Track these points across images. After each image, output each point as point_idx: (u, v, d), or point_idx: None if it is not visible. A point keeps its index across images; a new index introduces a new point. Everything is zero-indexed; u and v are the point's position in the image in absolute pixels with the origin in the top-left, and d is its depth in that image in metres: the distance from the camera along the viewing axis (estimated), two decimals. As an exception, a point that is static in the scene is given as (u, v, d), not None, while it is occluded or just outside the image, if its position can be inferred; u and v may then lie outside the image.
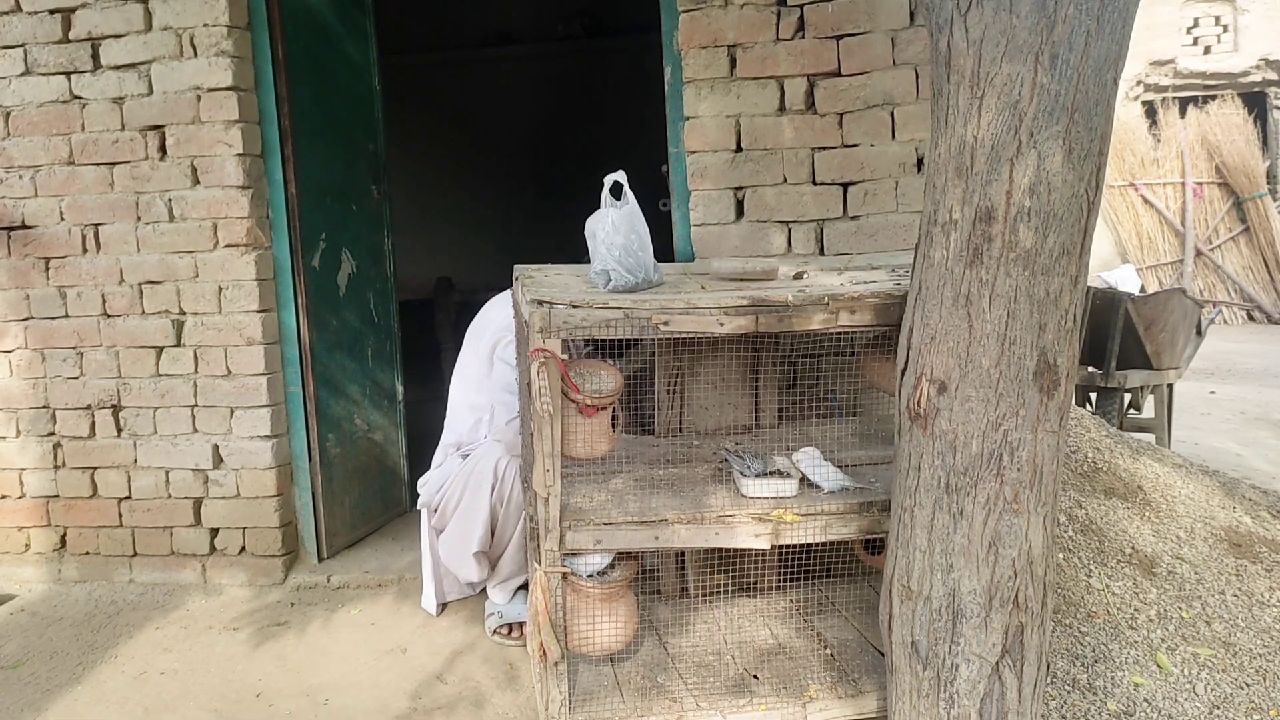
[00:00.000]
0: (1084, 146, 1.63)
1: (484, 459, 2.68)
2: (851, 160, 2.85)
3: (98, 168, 3.17)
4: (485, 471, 2.66)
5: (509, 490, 2.65)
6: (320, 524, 3.27)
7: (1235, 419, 5.55)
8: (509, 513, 2.68)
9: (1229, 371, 7.23)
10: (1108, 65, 1.61)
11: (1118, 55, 1.62)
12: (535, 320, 1.95)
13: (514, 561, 2.75)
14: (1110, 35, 1.59)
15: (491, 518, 2.67)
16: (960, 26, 1.66)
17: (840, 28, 2.81)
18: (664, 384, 2.49)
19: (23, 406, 3.32)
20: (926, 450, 1.78)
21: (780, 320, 2.02)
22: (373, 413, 3.56)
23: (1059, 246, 1.66)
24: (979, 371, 1.70)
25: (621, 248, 2.11)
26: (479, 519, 2.67)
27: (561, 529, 2.02)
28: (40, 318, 3.27)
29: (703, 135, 2.90)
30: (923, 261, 1.79)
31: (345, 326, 3.40)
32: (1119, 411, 4.44)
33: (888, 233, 2.84)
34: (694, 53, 2.88)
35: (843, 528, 2.09)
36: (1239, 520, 2.87)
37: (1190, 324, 4.51)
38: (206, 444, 3.20)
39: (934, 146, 1.75)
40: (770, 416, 2.54)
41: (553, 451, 1.97)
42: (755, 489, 2.09)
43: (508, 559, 2.75)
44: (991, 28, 1.62)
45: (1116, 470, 3.00)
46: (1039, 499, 1.73)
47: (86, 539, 3.33)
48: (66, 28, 3.14)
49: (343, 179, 3.41)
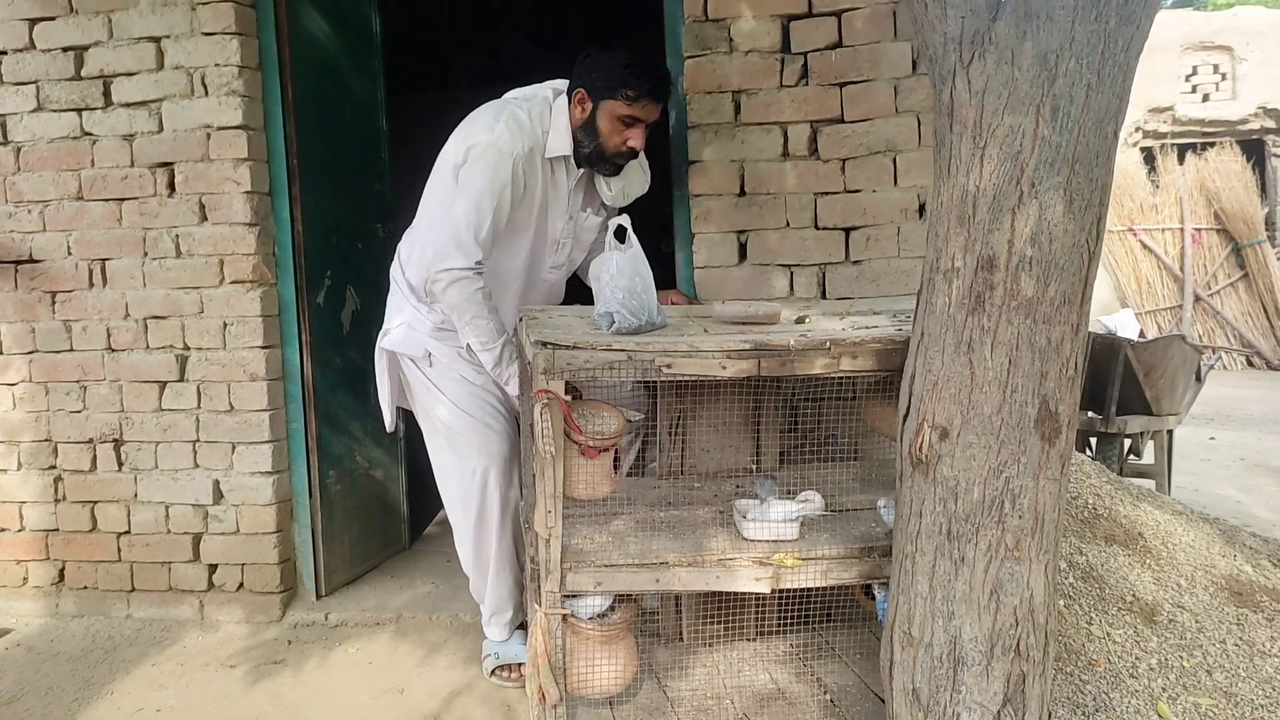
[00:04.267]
0: (1085, 197, 1.65)
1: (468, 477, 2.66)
2: (854, 205, 2.87)
3: (106, 203, 3.20)
4: (471, 492, 2.66)
5: (492, 509, 2.66)
6: (319, 561, 3.26)
7: (1235, 465, 5.55)
8: (486, 530, 2.68)
9: (1229, 417, 7.23)
10: (1108, 118, 1.64)
11: (1118, 108, 1.65)
12: (539, 361, 1.96)
13: (496, 592, 2.72)
14: (1111, 89, 1.62)
15: (476, 540, 2.69)
16: (963, 78, 1.69)
17: (843, 75, 2.85)
18: (665, 426, 2.50)
19: (25, 439, 3.33)
20: (928, 496, 1.78)
21: (782, 364, 2.02)
22: (374, 450, 3.56)
23: (1060, 295, 1.67)
24: (981, 418, 1.71)
25: (625, 290, 2.12)
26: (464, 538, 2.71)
27: (563, 570, 2.02)
28: (45, 351, 3.29)
29: (707, 179, 2.93)
30: (925, 308, 1.80)
31: (348, 363, 3.41)
32: (1119, 457, 4.45)
33: (889, 278, 2.86)
34: (699, 98, 2.91)
35: (843, 572, 2.09)
36: (1239, 568, 2.87)
37: (1190, 370, 4.53)
38: (207, 479, 3.20)
39: (936, 194, 1.77)
40: (771, 459, 2.54)
41: (555, 493, 1.97)
42: (756, 532, 2.09)
43: (490, 589, 2.73)
44: (994, 80, 1.65)
45: (1117, 517, 2.99)
46: (1040, 547, 1.73)
47: (85, 573, 3.32)
48: (79, 65, 3.18)
49: (349, 217, 3.43)
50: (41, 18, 3.19)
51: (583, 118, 2.57)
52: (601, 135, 2.56)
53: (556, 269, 2.77)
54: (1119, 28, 1.59)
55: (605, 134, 2.55)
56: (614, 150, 2.58)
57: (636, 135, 2.56)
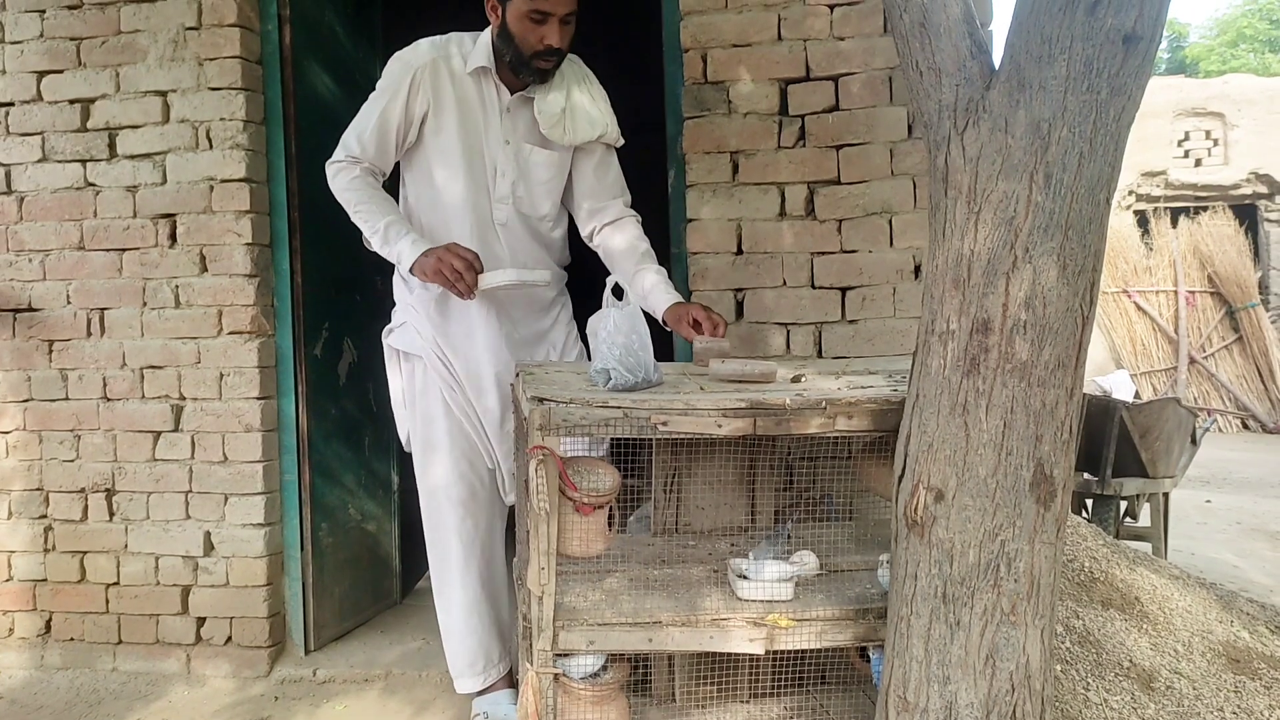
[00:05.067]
0: (1078, 263, 1.67)
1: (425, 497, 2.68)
2: (850, 265, 2.90)
3: (107, 253, 3.22)
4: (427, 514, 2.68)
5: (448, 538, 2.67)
6: (309, 615, 3.23)
7: (1231, 529, 5.53)
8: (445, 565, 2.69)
9: (1224, 480, 7.23)
10: (1100, 185, 1.66)
11: (1110, 176, 1.67)
12: (535, 417, 1.96)
13: (465, 642, 2.70)
14: (1103, 157, 1.64)
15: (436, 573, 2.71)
16: (957, 144, 1.71)
17: (840, 138, 2.89)
18: (660, 483, 2.49)
19: (16, 488, 3.31)
20: (923, 558, 1.78)
21: (778, 423, 2.03)
22: (367, 502, 3.54)
23: (1054, 359, 1.68)
24: (976, 481, 1.71)
25: (623, 347, 2.13)
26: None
27: (555, 629, 2.00)
28: (40, 399, 3.28)
29: (704, 237, 2.96)
30: (920, 369, 1.81)
31: (344, 415, 3.41)
32: (1115, 519, 4.43)
33: (885, 337, 2.88)
34: (698, 158, 2.95)
35: (838, 634, 2.07)
36: (1237, 635, 2.85)
37: (1185, 433, 4.53)
38: (198, 531, 3.18)
39: (931, 257, 1.79)
40: (766, 518, 2.53)
41: (549, 550, 1.96)
42: (750, 591, 2.08)
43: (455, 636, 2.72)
44: (988, 147, 1.68)
45: (1114, 581, 2.98)
46: (1037, 611, 1.72)
47: (72, 625, 3.28)
48: (85, 117, 3.22)
49: (348, 269, 3.45)
50: (50, 70, 3.24)
51: (498, 25, 2.51)
52: (516, 39, 2.47)
53: (503, 204, 2.63)
54: (1111, 98, 1.62)
55: (519, 37, 2.46)
56: (531, 51, 2.48)
57: (551, 31, 2.44)
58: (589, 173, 2.71)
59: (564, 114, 2.59)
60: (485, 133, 2.60)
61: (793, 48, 2.90)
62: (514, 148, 2.62)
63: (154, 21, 3.16)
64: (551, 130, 2.58)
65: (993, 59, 1.77)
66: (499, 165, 2.61)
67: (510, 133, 2.61)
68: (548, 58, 2.50)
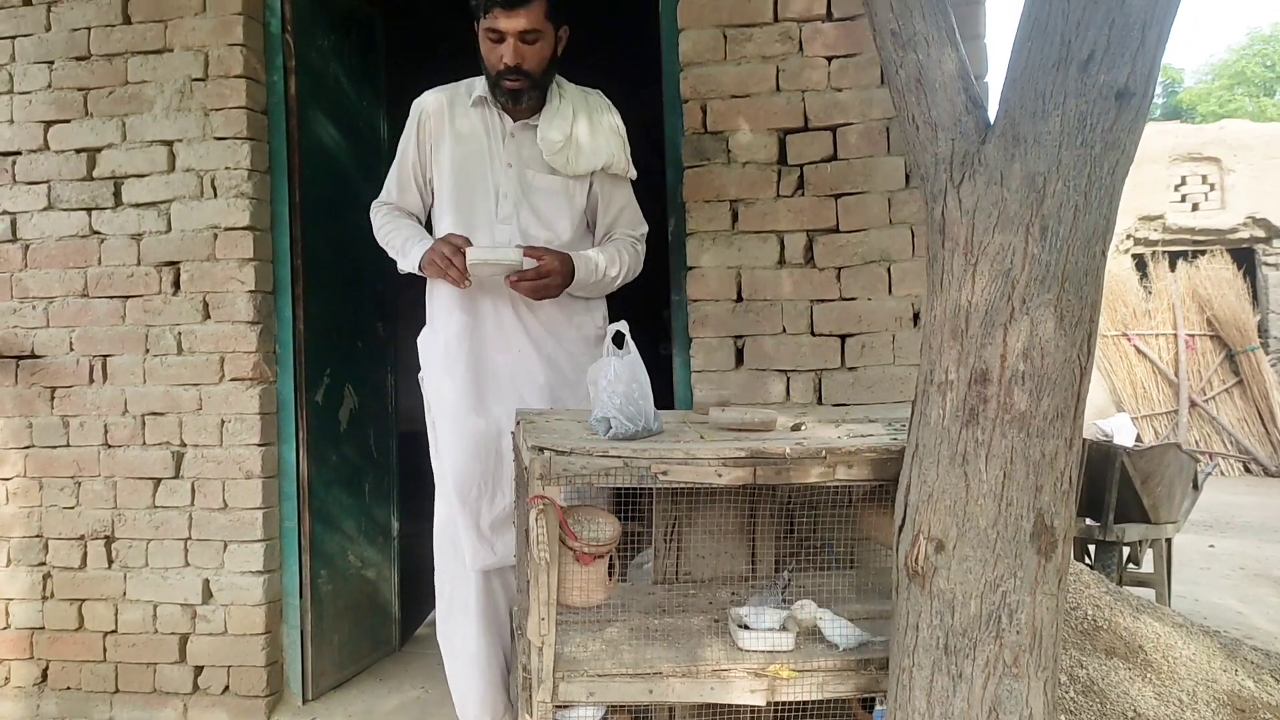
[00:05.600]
0: (1075, 314, 1.68)
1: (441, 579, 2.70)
2: (849, 313, 2.91)
3: (111, 300, 3.24)
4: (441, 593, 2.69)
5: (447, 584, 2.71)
6: (307, 664, 3.21)
7: (1235, 574, 5.50)
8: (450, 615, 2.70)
9: (1227, 524, 7.19)
10: (1096, 238, 1.68)
11: (1105, 228, 1.69)
12: (535, 467, 1.97)
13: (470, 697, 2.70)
14: (1098, 210, 1.66)
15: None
16: (954, 197, 1.73)
17: (838, 187, 2.91)
18: (661, 531, 2.49)
19: (15, 535, 3.30)
20: (925, 609, 1.77)
21: (778, 472, 2.03)
22: (367, 549, 3.53)
23: (1053, 409, 1.69)
24: (976, 531, 1.71)
25: (623, 395, 2.14)
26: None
27: (555, 680, 1.99)
28: (41, 446, 3.29)
29: (704, 285, 2.97)
30: (919, 419, 1.82)
31: (345, 462, 3.41)
32: (1118, 566, 4.41)
33: (885, 385, 2.88)
34: (697, 206, 2.98)
35: (840, 685, 2.05)
36: (1241, 684, 2.82)
37: (1186, 478, 4.52)
38: (197, 578, 3.17)
39: (930, 308, 1.80)
40: (767, 567, 2.52)
41: (549, 600, 1.95)
42: (751, 642, 2.07)
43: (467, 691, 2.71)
44: (984, 199, 1.70)
45: (1117, 629, 2.96)
46: (1039, 663, 1.72)
47: (69, 673, 3.26)
48: (91, 166, 3.26)
49: (350, 316, 3.47)
50: (57, 120, 3.28)
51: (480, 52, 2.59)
52: (484, 61, 2.54)
53: (505, 225, 2.64)
54: (1104, 153, 1.64)
55: (485, 59, 2.53)
56: (496, 72, 2.53)
57: (509, 50, 2.48)
58: (599, 201, 2.74)
59: (567, 142, 2.62)
60: (490, 158, 2.65)
61: (791, 99, 2.94)
62: (516, 171, 2.65)
63: (161, 72, 3.20)
64: (554, 158, 2.61)
65: (988, 113, 1.79)
66: (501, 187, 2.65)
67: (514, 157, 2.65)
68: (511, 77, 2.53)
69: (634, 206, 2.77)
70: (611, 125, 2.69)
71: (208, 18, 3.18)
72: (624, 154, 2.69)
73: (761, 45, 2.95)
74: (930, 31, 1.78)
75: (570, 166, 2.63)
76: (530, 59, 2.53)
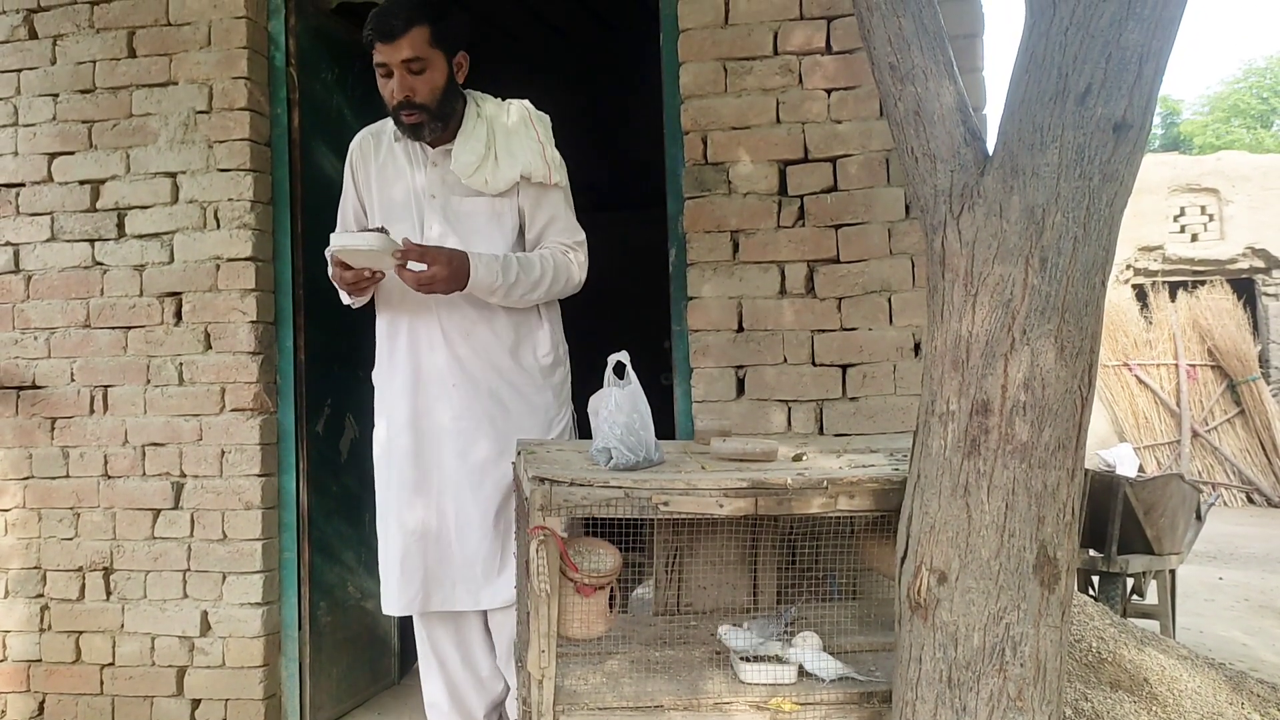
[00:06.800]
0: (1075, 345, 1.68)
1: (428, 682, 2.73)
2: (850, 343, 2.92)
3: (113, 331, 3.24)
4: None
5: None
6: (305, 697, 3.18)
7: (1239, 606, 5.46)
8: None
9: (1231, 555, 7.16)
10: (1095, 269, 1.68)
11: (1105, 260, 1.69)
12: (536, 498, 1.96)
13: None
14: (1097, 241, 1.67)
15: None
16: (954, 228, 1.74)
17: (839, 218, 2.92)
18: (662, 562, 2.47)
19: (13, 567, 3.29)
20: (928, 641, 1.76)
21: (780, 503, 2.02)
22: (367, 580, 3.51)
23: (1054, 440, 1.69)
24: (979, 563, 1.70)
25: (624, 426, 2.13)
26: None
27: (555, 713, 1.97)
28: (40, 477, 3.28)
29: (705, 315, 2.98)
30: (921, 450, 1.81)
31: (345, 492, 3.40)
32: (1122, 597, 4.38)
33: (886, 415, 2.88)
34: (698, 236, 2.99)
35: (842, 718, 2.04)
36: (1248, 717, 2.80)
37: (1190, 509, 4.50)
38: (196, 610, 3.15)
39: (930, 339, 1.81)
40: (769, 598, 2.51)
41: (549, 632, 1.94)
42: (753, 675, 2.05)
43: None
44: (983, 231, 1.70)
45: (1122, 661, 2.94)
46: (1043, 696, 1.70)
47: (65, 707, 3.23)
48: (95, 198, 3.27)
49: (351, 346, 3.47)
50: (61, 152, 3.30)
51: None
52: (383, 98, 2.56)
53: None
54: (1103, 185, 1.65)
55: (381, 93, 2.54)
56: (391, 106, 2.54)
57: (396, 83, 2.48)
58: (527, 213, 2.67)
59: (483, 162, 2.57)
60: (412, 192, 2.65)
61: (791, 130, 2.96)
62: (441, 200, 2.63)
63: (165, 105, 3.23)
64: (472, 180, 2.57)
65: (986, 145, 1.80)
66: (426, 219, 2.63)
67: (437, 187, 2.63)
68: (406, 110, 2.52)
69: (567, 215, 2.72)
70: (529, 134, 2.63)
71: (212, 51, 3.20)
72: (543, 161, 2.62)
73: (762, 78, 2.97)
74: (928, 65, 1.79)
75: (491, 185, 2.58)
76: (421, 90, 2.50)
